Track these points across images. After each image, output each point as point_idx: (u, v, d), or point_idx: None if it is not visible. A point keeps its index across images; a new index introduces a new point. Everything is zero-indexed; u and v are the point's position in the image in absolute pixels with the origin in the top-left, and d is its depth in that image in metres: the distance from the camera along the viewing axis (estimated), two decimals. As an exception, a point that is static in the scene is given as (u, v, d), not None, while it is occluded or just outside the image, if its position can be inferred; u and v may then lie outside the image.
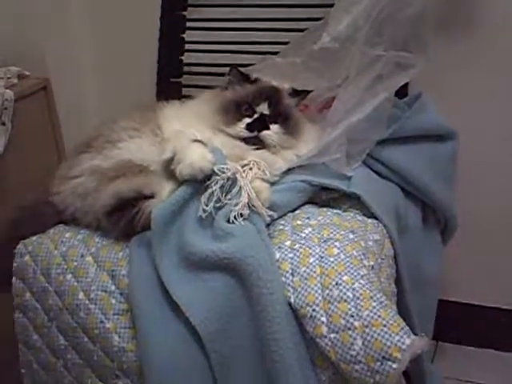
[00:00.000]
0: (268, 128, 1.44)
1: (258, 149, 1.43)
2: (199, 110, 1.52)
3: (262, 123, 1.45)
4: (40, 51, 2.01)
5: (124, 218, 1.36)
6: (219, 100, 1.52)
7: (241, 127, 1.45)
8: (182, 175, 1.33)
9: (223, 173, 1.32)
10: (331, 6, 1.60)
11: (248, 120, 1.45)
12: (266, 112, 1.46)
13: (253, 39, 1.88)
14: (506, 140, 1.89)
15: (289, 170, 1.45)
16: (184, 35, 1.98)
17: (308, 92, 1.55)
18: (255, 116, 1.46)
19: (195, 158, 1.33)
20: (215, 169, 1.32)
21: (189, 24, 1.98)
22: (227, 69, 1.55)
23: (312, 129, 1.54)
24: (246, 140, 1.44)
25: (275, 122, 1.46)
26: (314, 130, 1.54)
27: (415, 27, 1.48)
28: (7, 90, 1.78)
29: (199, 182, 1.33)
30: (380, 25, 1.49)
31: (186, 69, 2.01)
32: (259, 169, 1.37)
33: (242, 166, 1.36)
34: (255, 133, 1.44)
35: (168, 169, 1.39)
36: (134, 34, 2.13)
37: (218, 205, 1.31)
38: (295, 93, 1.53)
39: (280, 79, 1.57)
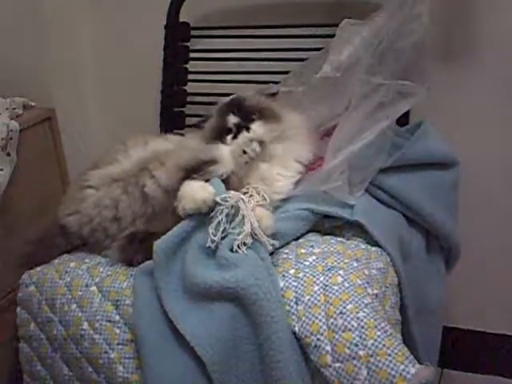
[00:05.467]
0: (248, 128, 1.45)
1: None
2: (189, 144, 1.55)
3: (240, 129, 1.46)
4: (45, 82, 2.03)
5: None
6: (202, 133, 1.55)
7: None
8: (186, 211, 1.33)
9: (226, 201, 1.33)
10: (332, 36, 1.62)
11: (229, 137, 1.47)
12: (236, 120, 1.47)
13: (254, 69, 1.90)
14: (507, 166, 1.90)
15: (291, 198, 1.46)
16: (187, 65, 2.01)
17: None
18: (232, 129, 1.47)
19: (196, 191, 1.34)
20: (218, 199, 1.33)
21: (192, 55, 2.00)
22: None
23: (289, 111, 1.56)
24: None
25: (252, 121, 1.47)
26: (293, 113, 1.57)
27: (415, 56, 1.50)
28: (12, 121, 1.79)
29: (202, 215, 1.34)
30: (381, 54, 1.50)
31: (189, 98, 2.02)
32: (258, 194, 1.38)
33: (243, 194, 1.37)
34: None
35: None
36: (138, 65, 2.16)
37: (222, 234, 1.31)
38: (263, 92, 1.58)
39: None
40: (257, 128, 1.45)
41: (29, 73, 2.01)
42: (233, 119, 1.48)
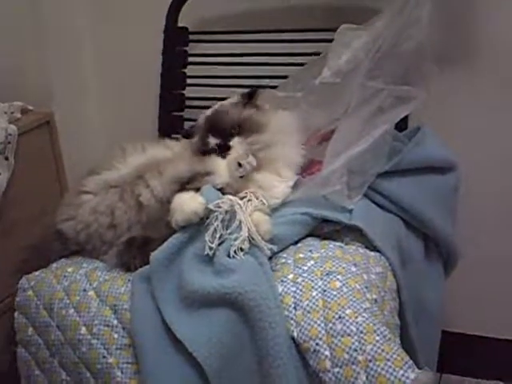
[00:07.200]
0: (229, 147, 1.46)
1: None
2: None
3: (222, 149, 1.46)
4: (44, 86, 2.03)
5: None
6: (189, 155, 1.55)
7: None
8: (178, 223, 1.33)
9: (219, 207, 1.32)
10: (330, 41, 1.62)
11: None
12: (216, 141, 1.47)
13: (252, 73, 1.90)
14: (507, 170, 1.90)
15: (289, 203, 1.45)
16: (186, 70, 2.01)
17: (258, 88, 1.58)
18: (215, 149, 1.48)
19: (186, 203, 1.33)
20: (211, 206, 1.32)
21: (190, 59, 2.01)
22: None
23: (274, 116, 1.55)
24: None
25: (231, 136, 1.47)
26: (280, 113, 1.56)
27: (415, 60, 1.50)
28: (11, 125, 1.78)
29: (198, 224, 1.33)
30: (380, 58, 1.51)
31: (187, 103, 2.03)
32: (257, 198, 1.37)
33: (240, 199, 1.36)
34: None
35: None
36: (137, 69, 2.16)
37: (220, 240, 1.31)
38: (245, 96, 1.56)
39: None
40: (236, 145, 1.45)
41: (28, 77, 2.01)
42: (213, 141, 1.48)
